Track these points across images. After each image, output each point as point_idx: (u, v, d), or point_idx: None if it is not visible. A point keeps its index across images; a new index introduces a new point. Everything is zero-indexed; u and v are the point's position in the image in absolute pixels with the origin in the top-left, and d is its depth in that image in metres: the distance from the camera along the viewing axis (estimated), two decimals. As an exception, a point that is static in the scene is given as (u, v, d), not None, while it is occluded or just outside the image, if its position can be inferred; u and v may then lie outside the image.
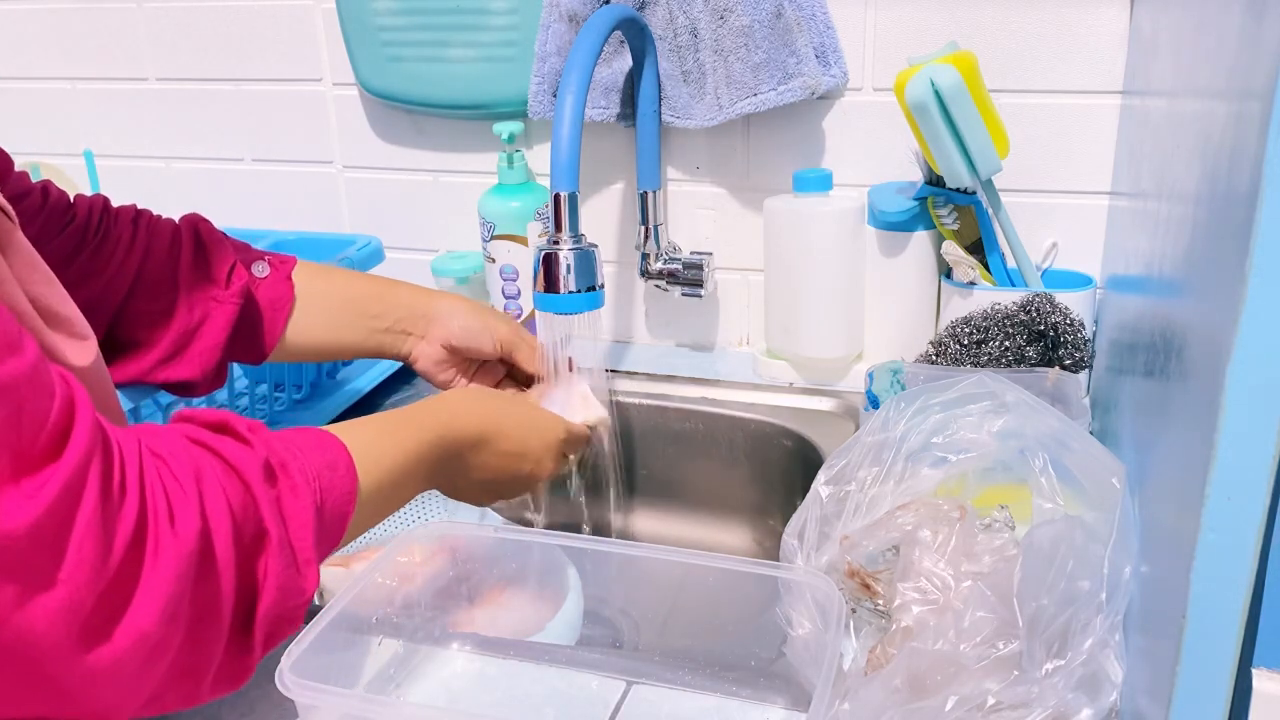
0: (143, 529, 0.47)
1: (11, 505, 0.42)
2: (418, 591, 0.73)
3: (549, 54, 1.10)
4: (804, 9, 1.02)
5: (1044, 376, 0.87)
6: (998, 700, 0.57)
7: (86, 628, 0.44)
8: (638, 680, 0.70)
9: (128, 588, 0.46)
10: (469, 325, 0.91)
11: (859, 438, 0.75)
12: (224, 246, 0.84)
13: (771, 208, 1.07)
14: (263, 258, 0.86)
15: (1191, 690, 0.48)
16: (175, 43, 1.29)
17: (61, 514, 0.43)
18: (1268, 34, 0.41)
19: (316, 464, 0.58)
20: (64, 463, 0.44)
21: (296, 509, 0.55)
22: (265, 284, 0.85)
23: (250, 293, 0.83)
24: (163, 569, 0.47)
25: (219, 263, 0.83)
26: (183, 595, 0.48)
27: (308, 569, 0.55)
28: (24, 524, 0.42)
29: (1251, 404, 0.43)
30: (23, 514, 0.42)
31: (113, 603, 0.45)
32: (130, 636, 0.46)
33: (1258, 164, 0.40)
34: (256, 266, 0.85)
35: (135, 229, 0.82)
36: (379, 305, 0.90)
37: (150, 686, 0.49)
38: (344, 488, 0.60)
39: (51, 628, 0.43)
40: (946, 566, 0.65)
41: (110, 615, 0.45)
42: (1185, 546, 0.47)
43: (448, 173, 1.24)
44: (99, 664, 0.45)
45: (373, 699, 0.65)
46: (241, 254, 0.85)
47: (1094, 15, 0.98)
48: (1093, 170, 1.03)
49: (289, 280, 0.86)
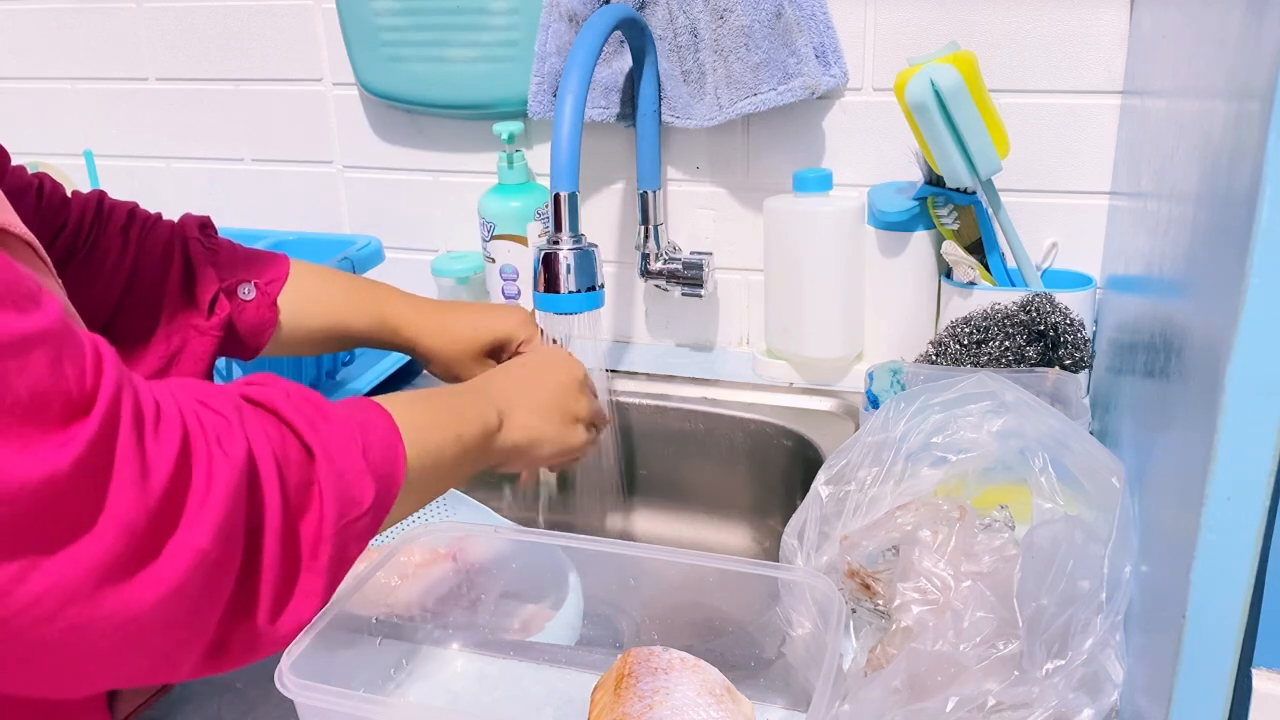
0: (187, 451, 0.48)
1: (55, 450, 0.43)
2: (418, 591, 0.73)
3: (549, 54, 1.10)
4: (804, 9, 1.02)
5: (1044, 376, 0.87)
6: (998, 701, 0.57)
7: (142, 549, 0.45)
8: (638, 680, 0.69)
9: (177, 508, 0.47)
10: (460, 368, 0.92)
11: (859, 438, 0.75)
12: (210, 270, 0.83)
13: (771, 208, 1.07)
14: (250, 279, 0.85)
15: (1191, 690, 0.48)
16: (175, 43, 1.29)
17: (102, 447, 0.45)
18: (1268, 34, 0.41)
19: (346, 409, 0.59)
20: (99, 402, 0.45)
21: (334, 433, 0.56)
22: (249, 308, 0.84)
23: (232, 322, 0.83)
24: (215, 488, 0.48)
25: (204, 290, 0.82)
26: (237, 515, 0.49)
27: (360, 480, 0.55)
28: (66, 463, 0.43)
29: (1251, 404, 0.43)
30: (66, 454, 0.43)
31: (165, 521, 0.46)
32: (187, 556, 0.46)
33: (1258, 164, 0.40)
34: (243, 289, 0.84)
35: (125, 241, 0.81)
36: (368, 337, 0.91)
37: (212, 624, 0.49)
38: (384, 426, 0.60)
39: (109, 554, 0.44)
40: (946, 566, 0.65)
41: (163, 532, 0.46)
42: (1185, 546, 0.47)
43: (448, 173, 1.24)
44: (159, 590, 0.46)
45: (373, 699, 0.65)
46: (228, 274, 0.84)
47: (1094, 15, 0.98)
48: (1093, 170, 1.03)
49: (273, 307, 0.85)
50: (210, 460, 0.49)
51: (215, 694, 0.70)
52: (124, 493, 0.45)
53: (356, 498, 0.55)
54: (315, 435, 0.55)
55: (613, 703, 0.59)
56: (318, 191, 1.31)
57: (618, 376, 1.16)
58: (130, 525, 0.45)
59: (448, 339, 0.91)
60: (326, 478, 0.54)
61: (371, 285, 0.93)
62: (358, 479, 0.56)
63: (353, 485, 0.55)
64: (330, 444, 0.55)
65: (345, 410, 0.59)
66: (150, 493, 0.46)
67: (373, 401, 0.62)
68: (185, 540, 0.47)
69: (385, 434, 0.60)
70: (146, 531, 0.45)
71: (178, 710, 0.69)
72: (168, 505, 0.46)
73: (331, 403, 0.59)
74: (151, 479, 0.46)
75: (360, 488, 0.56)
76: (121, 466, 0.45)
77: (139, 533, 0.45)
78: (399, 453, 0.60)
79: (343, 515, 0.54)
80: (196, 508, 0.47)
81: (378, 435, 0.59)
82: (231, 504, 0.49)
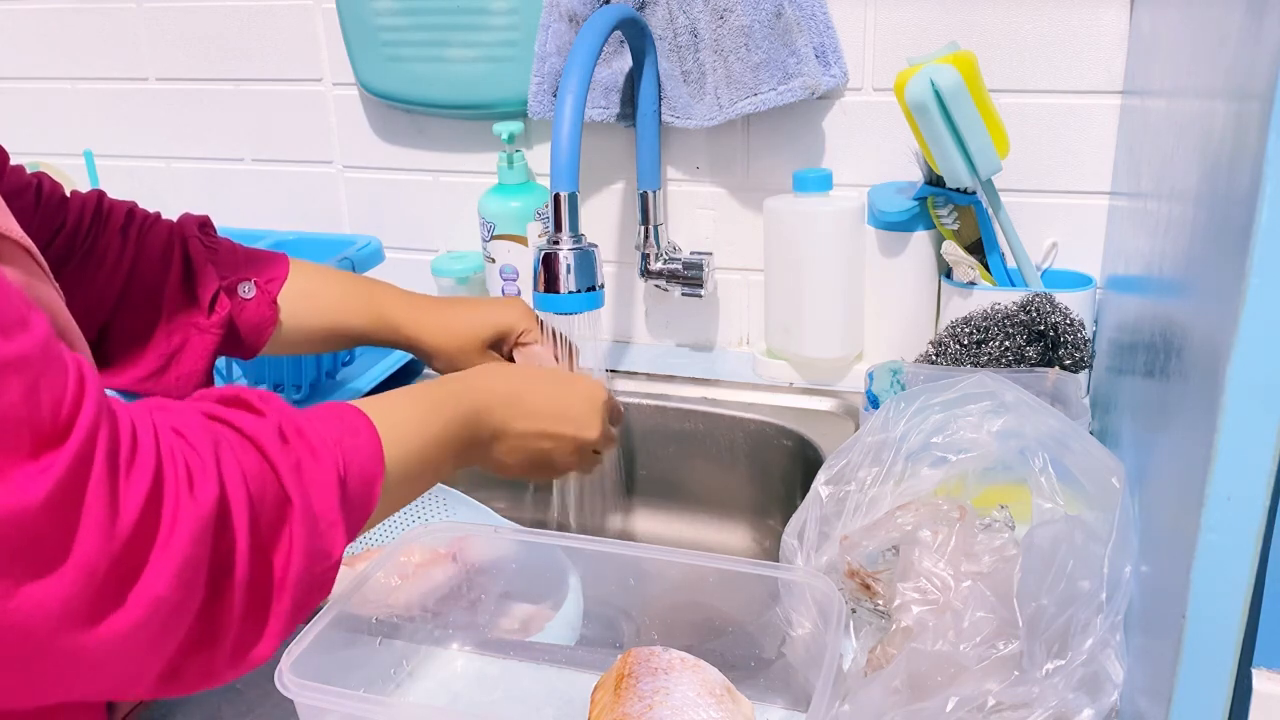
0: (158, 494, 0.47)
1: (27, 481, 0.42)
2: (418, 591, 0.73)
3: (549, 54, 1.10)
4: (804, 9, 1.02)
5: (1044, 376, 0.87)
6: (998, 701, 0.57)
7: (102, 593, 0.44)
8: (638, 680, 0.69)
9: (141, 553, 0.46)
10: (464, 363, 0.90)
11: (859, 438, 0.75)
12: (210, 268, 0.83)
13: (771, 208, 1.07)
14: (250, 277, 0.84)
15: (1191, 690, 0.48)
16: (175, 43, 1.29)
17: (73, 484, 0.43)
18: (1268, 34, 0.41)
19: (334, 430, 0.57)
20: (74, 436, 0.44)
21: (316, 473, 0.55)
22: (249, 307, 0.84)
23: (232, 320, 0.83)
24: (179, 534, 0.47)
25: (204, 288, 0.82)
26: (200, 560, 0.48)
27: (332, 531, 0.54)
28: (38, 498, 0.42)
29: (1251, 404, 0.43)
30: (37, 488, 0.42)
31: (127, 567, 0.45)
32: (145, 601, 0.46)
33: (1258, 164, 0.40)
34: (243, 287, 0.84)
35: (124, 240, 0.81)
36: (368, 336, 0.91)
37: (167, 656, 0.48)
38: (368, 449, 0.59)
39: (69, 597, 0.43)
40: (946, 566, 0.65)
41: (125, 579, 0.45)
42: (1185, 546, 0.47)
43: (448, 173, 1.24)
44: (116, 631, 0.45)
45: (373, 699, 0.65)
46: (229, 273, 0.84)
47: (1094, 15, 0.98)
48: (1093, 170, 1.03)
49: (274, 305, 0.85)
50: (177, 504, 0.47)
51: (215, 694, 0.70)
52: (91, 535, 0.44)
53: (326, 548, 0.54)
54: (297, 482, 0.53)
55: (613, 703, 0.59)
56: (318, 191, 1.31)
57: (618, 376, 1.16)
58: (94, 570, 0.44)
59: (448, 335, 0.91)
60: (300, 526, 0.53)
61: (371, 283, 0.93)
62: (330, 530, 0.54)
63: (325, 535, 0.54)
64: (310, 490, 0.54)
65: (332, 437, 0.57)
66: (116, 538, 0.44)
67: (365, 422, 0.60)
68: (146, 587, 0.46)
69: (366, 463, 0.58)
70: (109, 577, 0.44)
71: (178, 710, 0.69)
72: (131, 551, 0.45)
73: (320, 425, 0.57)
74: (119, 522, 0.45)
75: (332, 539, 0.54)
76: (91, 505, 0.44)
77: (101, 578, 0.44)
78: (376, 486, 0.59)
79: (310, 568, 0.53)
80: (160, 554, 0.46)
81: (357, 466, 0.58)
82: (194, 551, 0.47)
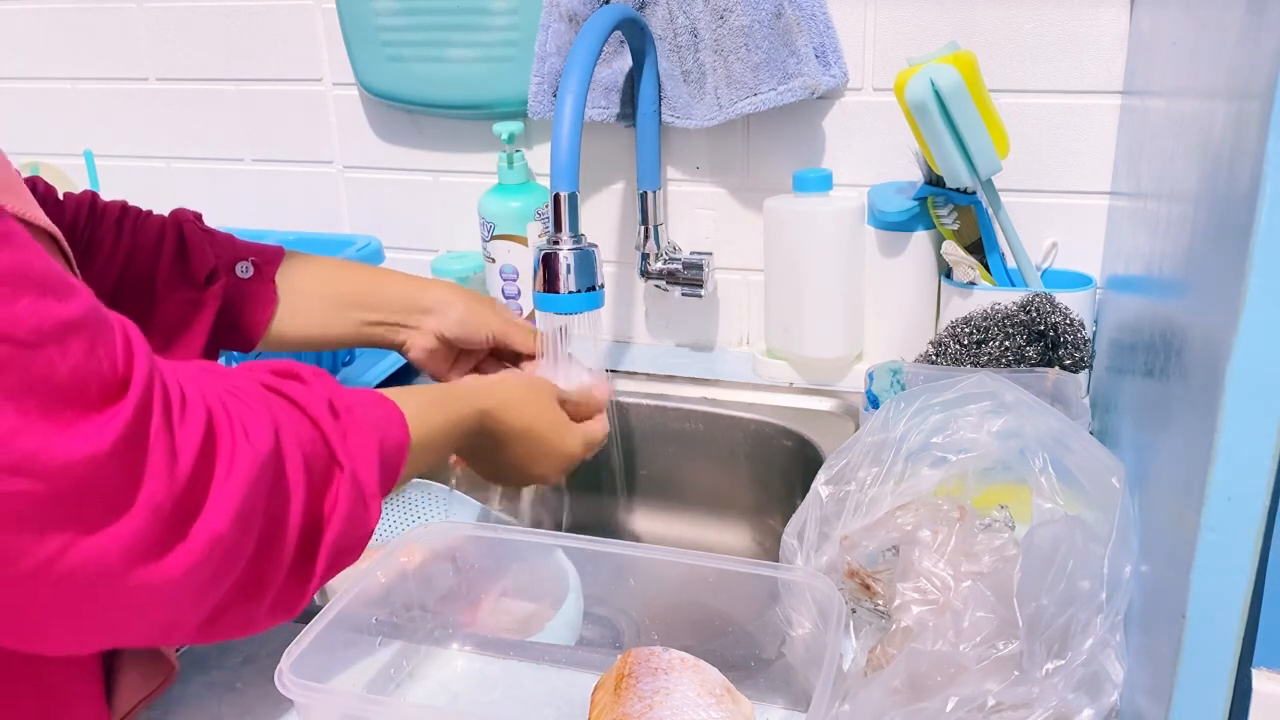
0: (211, 438, 0.49)
1: (96, 430, 0.44)
2: (418, 592, 0.73)
3: (549, 54, 1.10)
4: (804, 9, 1.02)
5: (1044, 376, 0.87)
6: (998, 701, 0.57)
7: (168, 529, 0.47)
8: (638, 680, 0.69)
9: (201, 490, 0.48)
10: (465, 320, 0.91)
11: (859, 438, 0.75)
12: (206, 247, 0.84)
13: (771, 208, 1.07)
14: (247, 257, 0.85)
15: (1191, 690, 0.48)
16: (175, 43, 1.29)
17: (137, 430, 0.46)
18: (1268, 34, 0.41)
19: (375, 414, 0.61)
20: (133, 387, 0.47)
21: (362, 445, 0.58)
22: (247, 285, 0.85)
23: (230, 295, 0.84)
24: (237, 474, 0.50)
25: (199, 264, 0.83)
26: (256, 503, 0.51)
27: (373, 502, 0.58)
28: (107, 445, 0.45)
29: (1251, 404, 0.43)
30: (106, 436, 0.45)
31: (190, 505, 0.48)
32: (206, 537, 0.48)
33: (1258, 164, 0.40)
34: (240, 267, 0.85)
35: (119, 231, 0.82)
36: (369, 299, 0.90)
37: (215, 600, 0.51)
38: (398, 438, 0.63)
39: (139, 532, 0.46)
40: (946, 566, 0.65)
41: (188, 516, 0.48)
42: (1185, 546, 0.47)
43: (448, 173, 1.24)
44: (179, 566, 0.47)
45: (373, 699, 0.65)
46: (225, 253, 0.85)
47: (1094, 15, 0.98)
48: (1093, 170, 1.03)
49: (271, 282, 0.86)
50: (234, 447, 0.50)
51: (215, 694, 0.70)
52: (156, 476, 0.46)
53: (365, 517, 0.58)
54: (345, 451, 0.57)
55: (613, 703, 0.59)
56: (318, 191, 1.31)
57: (618, 376, 1.16)
58: (160, 508, 0.46)
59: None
60: (346, 490, 0.56)
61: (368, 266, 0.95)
62: (371, 501, 0.58)
63: (366, 505, 0.58)
64: (357, 461, 0.57)
65: (370, 418, 0.60)
66: (178, 477, 0.47)
67: (394, 409, 0.64)
68: (207, 524, 0.48)
69: (393, 452, 0.62)
70: (173, 515, 0.47)
71: (178, 709, 0.69)
72: (193, 490, 0.48)
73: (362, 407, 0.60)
74: (179, 463, 0.47)
75: (371, 510, 0.58)
76: (154, 449, 0.47)
77: (167, 516, 0.47)
78: (398, 472, 0.63)
79: (348, 532, 0.57)
80: (219, 493, 0.49)
81: (389, 453, 0.61)
82: (251, 490, 0.50)
